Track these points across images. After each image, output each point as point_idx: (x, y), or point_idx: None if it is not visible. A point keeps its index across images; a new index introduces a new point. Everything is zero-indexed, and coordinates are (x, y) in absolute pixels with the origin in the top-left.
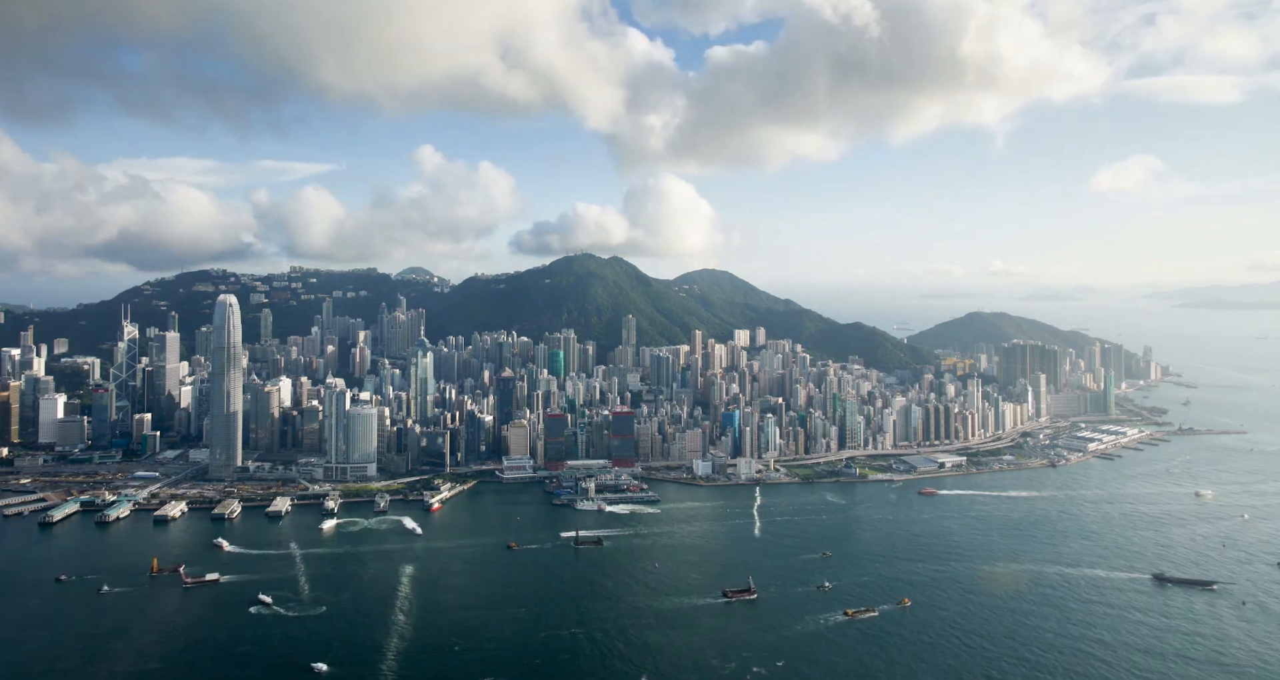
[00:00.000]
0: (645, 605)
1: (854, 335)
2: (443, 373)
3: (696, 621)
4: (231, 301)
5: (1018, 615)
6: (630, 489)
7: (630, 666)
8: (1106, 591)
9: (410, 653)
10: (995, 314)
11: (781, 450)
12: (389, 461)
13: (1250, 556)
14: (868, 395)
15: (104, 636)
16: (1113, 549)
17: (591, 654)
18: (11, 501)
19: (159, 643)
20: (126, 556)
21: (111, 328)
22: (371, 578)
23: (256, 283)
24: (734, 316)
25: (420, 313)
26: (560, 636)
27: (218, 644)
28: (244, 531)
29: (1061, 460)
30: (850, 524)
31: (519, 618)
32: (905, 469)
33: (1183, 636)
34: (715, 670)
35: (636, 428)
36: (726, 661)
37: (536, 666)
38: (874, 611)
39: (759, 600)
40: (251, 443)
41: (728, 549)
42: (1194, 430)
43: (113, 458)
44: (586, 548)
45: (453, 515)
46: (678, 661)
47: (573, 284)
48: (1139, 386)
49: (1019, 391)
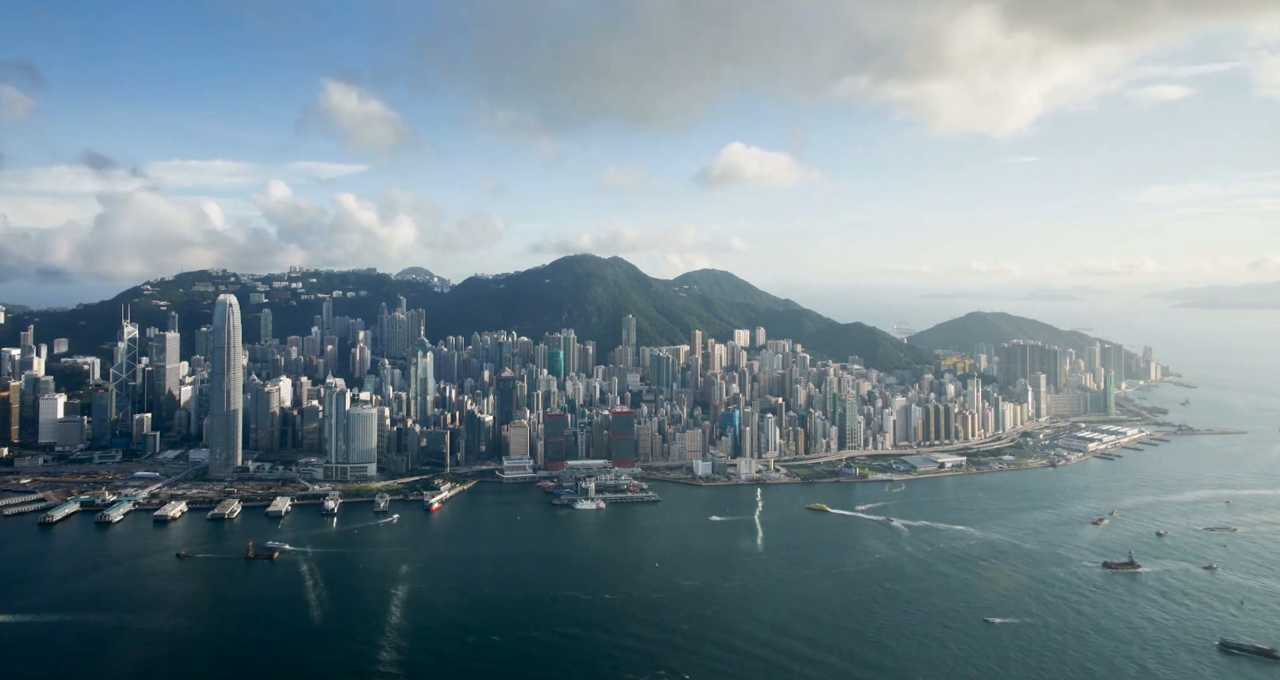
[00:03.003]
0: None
1: (854, 335)
2: (443, 373)
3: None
4: (231, 301)
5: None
6: (630, 489)
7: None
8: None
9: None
10: (995, 314)
11: (781, 450)
12: (389, 461)
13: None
14: (868, 395)
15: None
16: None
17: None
18: (11, 501)
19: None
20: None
21: (111, 328)
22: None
23: (256, 283)
24: (734, 316)
25: (420, 313)
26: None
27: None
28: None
29: (1061, 460)
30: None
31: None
32: (905, 469)
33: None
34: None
35: (636, 428)
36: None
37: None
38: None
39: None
40: (251, 443)
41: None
42: (1194, 430)
43: (113, 458)
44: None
45: (452, 515)
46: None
47: (573, 284)
48: (1139, 386)
49: (1019, 391)
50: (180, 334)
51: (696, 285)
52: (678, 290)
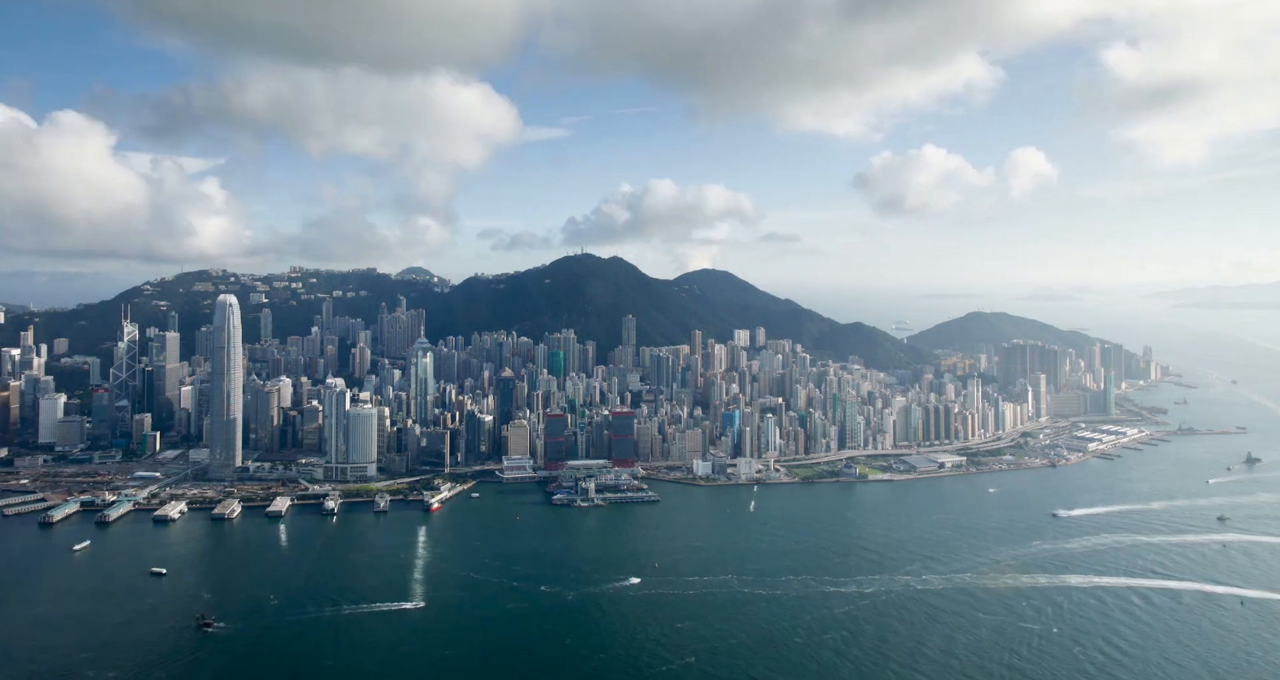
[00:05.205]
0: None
1: (854, 335)
2: (443, 373)
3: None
4: (231, 301)
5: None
6: (630, 489)
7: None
8: None
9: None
10: (995, 314)
11: (781, 450)
12: (389, 461)
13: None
14: (868, 395)
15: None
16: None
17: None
18: (11, 501)
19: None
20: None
21: (111, 328)
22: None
23: (256, 283)
24: (734, 316)
25: (420, 313)
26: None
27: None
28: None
29: (1061, 460)
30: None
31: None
32: (905, 469)
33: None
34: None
35: (636, 428)
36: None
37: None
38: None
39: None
40: (251, 443)
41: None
42: (1194, 430)
43: (113, 458)
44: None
45: (452, 516)
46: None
47: (573, 284)
48: (1139, 386)
49: (1019, 391)
50: (180, 334)
51: (696, 285)
52: (678, 290)
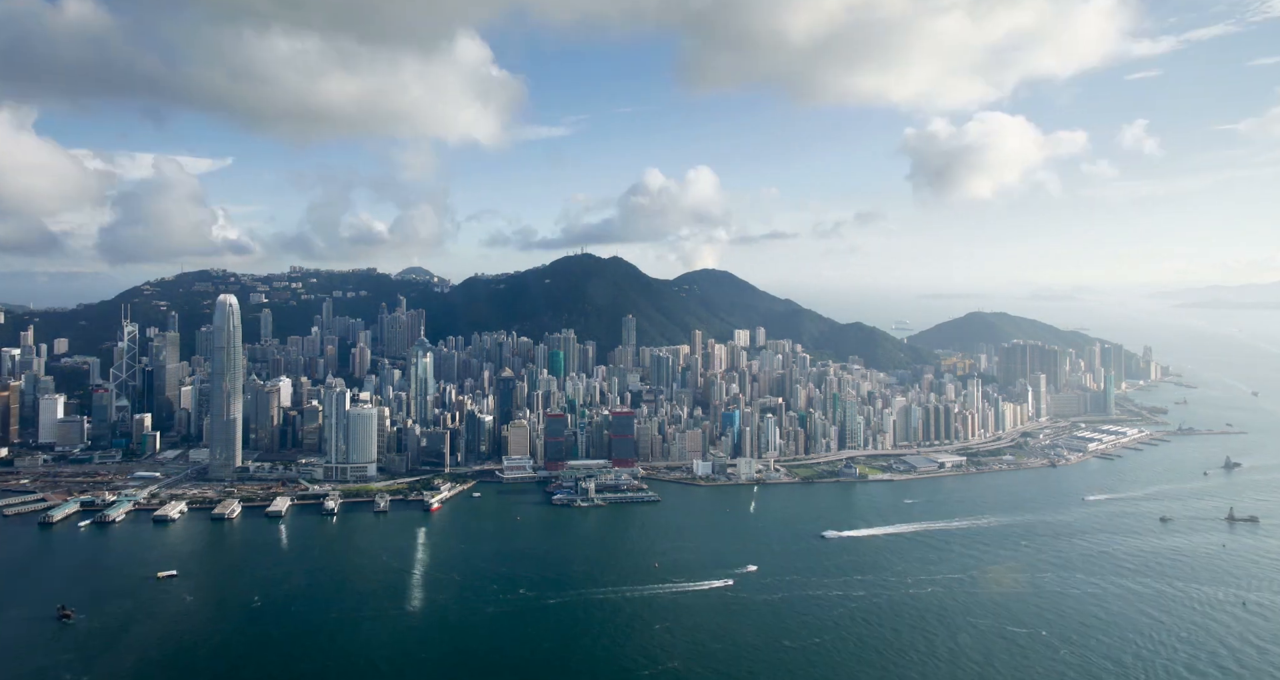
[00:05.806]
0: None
1: (854, 335)
2: (443, 373)
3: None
4: (231, 301)
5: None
6: (630, 489)
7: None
8: None
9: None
10: (995, 314)
11: (781, 450)
12: (389, 461)
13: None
14: (868, 395)
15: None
16: None
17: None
18: (11, 501)
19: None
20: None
21: (111, 328)
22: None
23: (256, 283)
24: (734, 316)
25: (420, 313)
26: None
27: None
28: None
29: (1061, 460)
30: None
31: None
32: (905, 469)
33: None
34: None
35: (636, 428)
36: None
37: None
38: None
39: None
40: (251, 443)
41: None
42: (1194, 430)
43: (113, 458)
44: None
45: (452, 516)
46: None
47: (573, 284)
48: (1139, 386)
49: (1019, 391)
50: (180, 334)
51: (696, 285)
52: (678, 290)
